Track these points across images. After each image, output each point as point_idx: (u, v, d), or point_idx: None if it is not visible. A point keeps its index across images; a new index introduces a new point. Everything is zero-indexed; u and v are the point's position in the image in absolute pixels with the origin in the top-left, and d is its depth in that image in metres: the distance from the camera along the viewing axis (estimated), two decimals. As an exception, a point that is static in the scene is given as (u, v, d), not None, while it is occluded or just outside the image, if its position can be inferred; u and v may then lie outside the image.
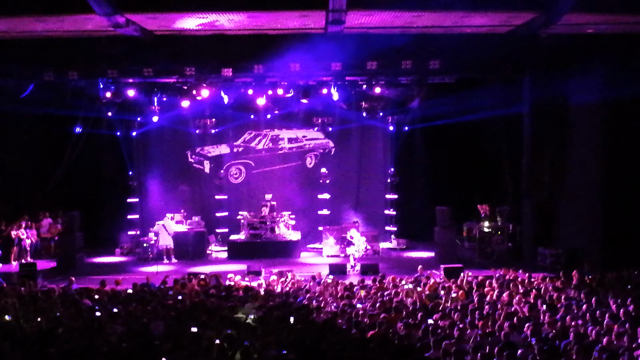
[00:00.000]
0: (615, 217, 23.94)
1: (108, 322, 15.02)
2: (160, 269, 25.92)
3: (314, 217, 31.42)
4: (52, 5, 19.39)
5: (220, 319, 15.02)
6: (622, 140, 23.96)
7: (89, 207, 29.46)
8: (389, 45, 23.69)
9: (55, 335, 13.62)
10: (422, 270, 22.38)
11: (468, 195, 30.30)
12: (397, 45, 23.68)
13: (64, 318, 15.49)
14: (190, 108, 28.15)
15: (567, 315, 14.47)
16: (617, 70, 23.13)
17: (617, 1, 19.52)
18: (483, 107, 27.69)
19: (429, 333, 13.16)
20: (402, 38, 23.39)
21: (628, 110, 23.38)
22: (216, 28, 22.71)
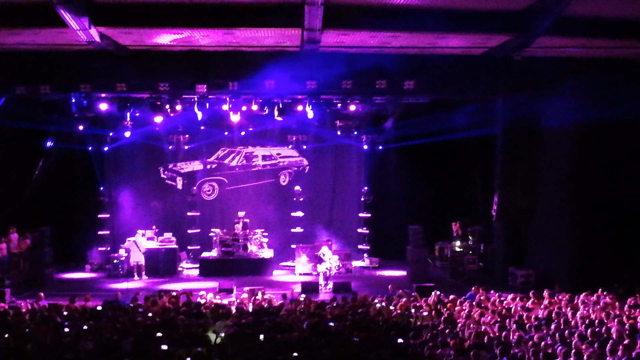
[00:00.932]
0: (586, 238, 24.13)
1: (77, 338, 14.88)
2: (131, 285, 25.74)
3: (287, 235, 31.38)
4: (26, 18, 19.27)
5: (190, 336, 14.92)
6: (593, 162, 24.17)
7: (59, 222, 29.23)
8: (364, 65, 23.75)
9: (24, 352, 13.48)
10: (393, 289, 22.38)
11: (441, 215, 30.40)
12: (372, 65, 23.73)
13: (33, 334, 15.33)
14: (164, 124, 28.06)
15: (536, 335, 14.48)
16: (589, 94, 23.38)
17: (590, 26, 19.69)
18: (457, 128, 27.85)
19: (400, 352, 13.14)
20: (378, 58, 23.45)
21: (599, 133, 23.63)
22: (191, 44, 22.67)
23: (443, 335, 14.70)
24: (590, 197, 24.17)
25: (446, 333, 14.85)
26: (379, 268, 30.46)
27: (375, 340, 14.33)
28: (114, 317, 17.59)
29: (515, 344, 13.90)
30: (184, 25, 20.19)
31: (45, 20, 19.19)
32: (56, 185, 30.50)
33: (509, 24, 20.04)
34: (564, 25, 19.34)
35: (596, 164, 24.14)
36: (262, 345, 14.09)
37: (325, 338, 14.70)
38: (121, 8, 19.29)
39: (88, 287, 26.01)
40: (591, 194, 24.15)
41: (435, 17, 19.32)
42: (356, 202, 32.52)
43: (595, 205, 24.10)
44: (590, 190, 24.18)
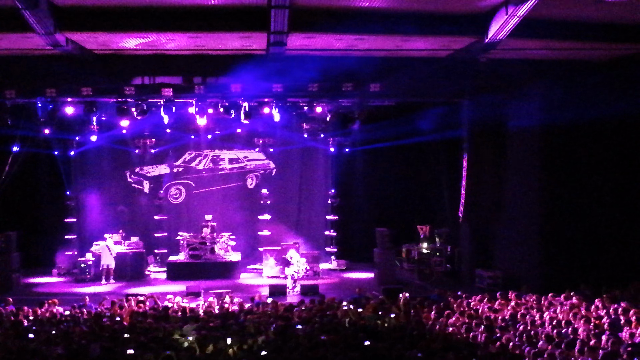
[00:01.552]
0: (552, 239, 24.30)
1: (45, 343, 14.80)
2: (98, 289, 25.62)
3: (255, 238, 31.41)
4: (-9, 23, 19.17)
5: (158, 340, 14.89)
6: (559, 164, 24.35)
7: (26, 226, 29.07)
8: (330, 68, 23.79)
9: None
10: (360, 291, 22.45)
11: (408, 217, 30.49)
12: (338, 68, 23.78)
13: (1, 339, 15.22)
14: (130, 127, 27.91)
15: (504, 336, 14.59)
16: (555, 96, 23.59)
17: (555, 28, 19.87)
18: (423, 130, 28.02)
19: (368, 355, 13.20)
20: (344, 60, 23.50)
21: (565, 135, 23.80)
22: (157, 48, 22.61)
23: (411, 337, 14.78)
24: (556, 198, 24.35)
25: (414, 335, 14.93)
26: (346, 270, 30.54)
27: (343, 342, 14.37)
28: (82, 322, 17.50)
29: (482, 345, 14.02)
30: (149, 29, 20.13)
31: (10, 25, 19.06)
32: (23, 189, 30.29)
33: (474, 27, 20.16)
34: (529, 28, 19.49)
35: (562, 165, 24.33)
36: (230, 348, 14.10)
37: (293, 341, 14.72)
38: (86, 12, 19.19)
39: (55, 292, 25.84)
40: (557, 195, 24.33)
41: (401, 20, 19.42)
42: (323, 204, 32.56)
43: (561, 207, 24.28)
44: (555, 191, 24.36)
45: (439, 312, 18.08)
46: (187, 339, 15.37)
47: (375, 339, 14.79)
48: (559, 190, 24.36)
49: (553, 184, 24.46)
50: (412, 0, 18.27)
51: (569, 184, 24.24)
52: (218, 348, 14.18)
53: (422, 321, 16.95)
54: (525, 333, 14.89)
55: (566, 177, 24.28)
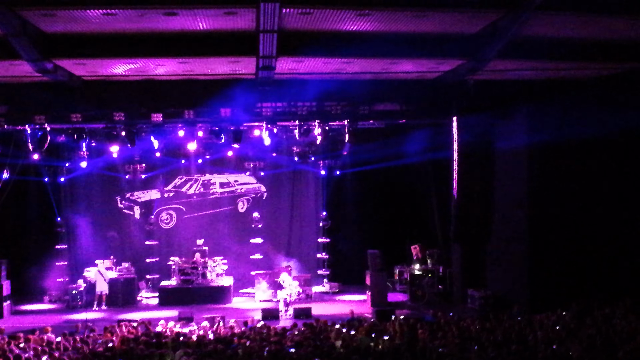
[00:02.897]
0: (542, 259, 24.33)
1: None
2: (90, 316, 25.51)
3: (247, 262, 31.32)
4: (-21, 51, 19.20)
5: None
6: (547, 183, 24.42)
7: (15, 254, 28.97)
8: (319, 91, 23.94)
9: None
10: (353, 313, 22.42)
11: (399, 239, 30.50)
12: (327, 91, 23.93)
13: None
14: (120, 153, 27.95)
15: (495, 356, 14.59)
16: (541, 116, 23.73)
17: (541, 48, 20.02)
18: (413, 151, 28.12)
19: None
20: (333, 83, 23.63)
21: (551, 155, 23.90)
22: (146, 73, 22.69)
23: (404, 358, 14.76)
24: (544, 217, 24.38)
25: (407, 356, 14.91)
26: (339, 293, 30.50)
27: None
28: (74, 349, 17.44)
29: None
30: (137, 55, 20.19)
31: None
32: (12, 216, 30.24)
33: (461, 49, 20.27)
34: (516, 49, 19.64)
35: (549, 184, 24.39)
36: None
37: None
38: (74, 39, 19.21)
39: (47, 319, 25.73)
40: (545, 214, 24.36)
41: (389, 43, 19.52)
42: (315, 227, 32.56)
43: (548, 226, 24.32)
44: (543, 210, 24.40)
45: (432, 332, 18.08)
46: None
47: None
48: (547, 209, 24.40)
49: (541, 203, 24.50)
50: (400, 23, 18.33)
51: (557, 203, 24.28)
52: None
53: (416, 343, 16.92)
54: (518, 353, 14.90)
55: (554, 196, 24.33)
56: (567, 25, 18.69)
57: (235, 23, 18.17)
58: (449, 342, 16.64)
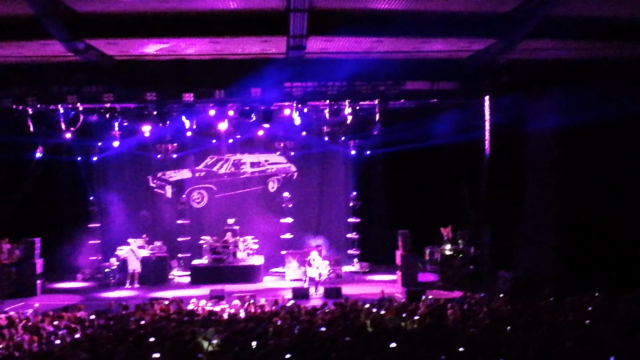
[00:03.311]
0: (573, 240, 24.15)
1: (70, 348, 14.89)
2: (122, 294, 25.73)
3: (277, 241, 31.43)
4: (11, 31, 19.29)
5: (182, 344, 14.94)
6: (578, 165, 24.20)
7: (49, 233, 29.24)
8: (349, 70, 23.83)
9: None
10: (384, 293, 22.43)
11: (429, 219, 30.41)
12: (358, 71, 23.80)
13: (25, 344, 15.33)
14: (152, 133, 28.07)
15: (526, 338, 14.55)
16: (573, 96, 23.40)
17: (575, 28, 19.78)
18: (443, 132, 27.95)
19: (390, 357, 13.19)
20: (363, 63, 23.52)
21: (584, 136, 23.62)
22: (177, 53, 22.72)
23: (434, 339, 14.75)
24: (575, 198, 24.17)
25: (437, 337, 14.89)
26: (369, 273, 30.54)
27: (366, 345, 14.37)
28: (106, 326, 17.60)
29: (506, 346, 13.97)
30: (169, 34, 20.24)
31: (30, 33, 19.23)
32: (45, 196, 30.52)
33: (494, 28, 20.11)
34: (548, 28, 19.43)
35: (580, 166, 24.16)
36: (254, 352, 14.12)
37: (316, 344, 14.73)
38: (106, 19, 19.29)
39: (80, 297, 26.01)
40: (576, 196, 24.15)
41: (420, 22, 19.41)
42: (345, 207, 32.58)
43: (579, 207, 24.09)
44: (574, 192, 24.20)
45: (462, 313, 18.04)
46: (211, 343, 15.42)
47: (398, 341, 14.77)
48: (578, 190, 24.20)
49: (572, 185, 24.31)
50: (431, 2, 18.21)
51: (588, 185, 24.05)
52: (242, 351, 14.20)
53: (446, 323, 16.90)
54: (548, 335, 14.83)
55: (585, 178, 24.09)
56: (602, 4, 18.47)
57: (266, 2, 18.18)
58: (479, 323, 16.60)
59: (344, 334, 15.69)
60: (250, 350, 14.29)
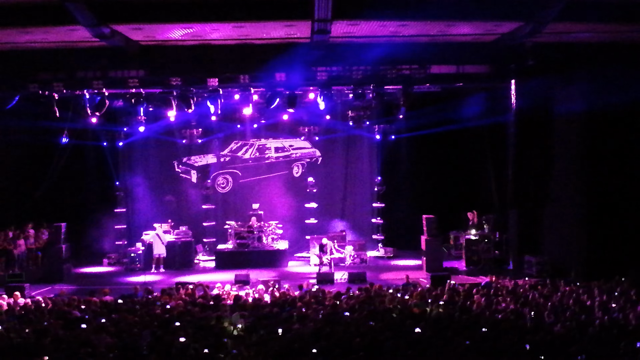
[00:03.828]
0: (600, 224, 24.01)
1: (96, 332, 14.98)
2: (148, 278, 25.83)
3: (301, 226, 31.47)
4: (37, 16, 19.38)
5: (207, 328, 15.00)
6: (606, 148, 24.04)
7: (75, 217, 29.46)
8: (374, 55, 23.75)
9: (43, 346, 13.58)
10: (409, 278, 22.40)
11: (454, 204, 30.34)
12: (382, 55, 23.72)
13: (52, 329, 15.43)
14: (177, 118, 28.08)
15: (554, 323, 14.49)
16: (601, 79, 23.21)
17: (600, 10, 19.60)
18: (469, 116, 27.84)
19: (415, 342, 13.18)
20: (388, 47, 23.43)
21: (611, 119, 23.44)
22: (201, 38, 22.73)
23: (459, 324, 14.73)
24: (602, 182, 24.03)
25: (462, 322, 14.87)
26: (393, 258, 30.47)
27: (391, 330, 14.37)
28: (132, 311, 17.69)
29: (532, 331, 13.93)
30: (193, 19, 20.24)
31: (55, 18, 19.31)
32: (71, 181, 30.73)
33: (520, 10, 19.98)
34: (576, 11, 19.28)
35: (608, 149, 24.01)
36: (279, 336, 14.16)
37: (341, 328, 14.74)
38: (131, 4, 19.36)
39: (106, 281, 26.14)
40: (603, 179, 24.01)
41: (446, 5, 19.32)
42: (369, 192, 32.54)
43: (607, 191, 23.97)
44: (602, 176, 24.04)
45: (488, 298, 17.99)
46: (236, 327, 15.47)
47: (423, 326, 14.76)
48: (606, 174, 24.04)
49: (599, 169, 24.14)
50: (457, -15, 18.15)
51: (616, 168, 23.91)
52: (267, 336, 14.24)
53: (470, 308, 16.87)
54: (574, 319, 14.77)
55: (612, 161, 23.96)
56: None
57: (291, -14, 18.16)
58: (505, 308, 16.56)
59: (368, 319, 15.70)
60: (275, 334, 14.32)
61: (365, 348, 12.88)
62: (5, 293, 21.05)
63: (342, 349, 12.96)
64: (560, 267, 24.68)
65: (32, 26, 20.25)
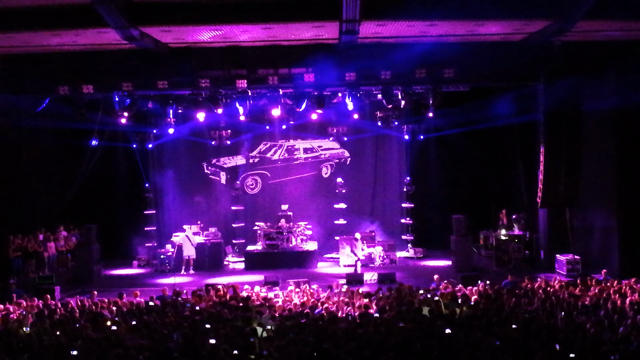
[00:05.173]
0: (631, 223, 23.88)
1: (127, 334, 15.07)
2: (178, 280, 25.95)
3: (331, 227, 31.47)
4: (67, 19, 19.48)
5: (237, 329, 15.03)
6: (636, 146, 23.90)
7: (105, 219, 29.72)
8: (403, 54, 23.70)
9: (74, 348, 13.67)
10: (439, 279, 22.37)
11: (483, 204, 30.26)
12: (411, 54, 23.66)
13: (82, 330, 15.54)
14: (206, 119, 28.13)
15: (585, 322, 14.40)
16: (630, 77, 23.09)
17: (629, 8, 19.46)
18: (498, 115, 27.72)
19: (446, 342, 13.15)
20: (416, 47, 23.36)
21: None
22: (230, 40, 22.77)
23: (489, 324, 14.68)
24: (634, 181, 23.93)
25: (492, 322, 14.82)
26: (423, 258, 30.41)
27: (422, 330, 14.34)
28: (163, 312, 17.78)
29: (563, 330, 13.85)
30: (222, 21, 20.26)
31: (85, 21, 19.40)
32: (102, 182, 31.00)
33: (548, 9, 19.85)
34: (604, 9, 19.13)
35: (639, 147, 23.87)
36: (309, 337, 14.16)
37: (371, 329, 14.73)
38: (160, 6, 19.42)
39: (136, 283, 26.31)
40: (634, 179, 23.91)
41: (473, 4, 19.26)
42: (398, 192, 32.49)
43: (638, 190, 23.83)
44: (633, 174, 23.94)
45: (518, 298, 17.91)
46: (266, 328, 15.50)
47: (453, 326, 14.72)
48: (636, 172, 23.91)
49: (629, 167, 24.03)
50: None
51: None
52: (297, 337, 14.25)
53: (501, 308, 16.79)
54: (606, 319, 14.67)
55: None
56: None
57: (319, -13, 18.15)
58: (535, 308, 16.48)
59: (398, 320, 15.69)
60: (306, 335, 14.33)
61: (396, 348, 12.86)
62: (36, 295, 21.23)
63: (373, 349, 12.95)
64: (591, 266, 24.55)
65: (62, 29, 20.35)
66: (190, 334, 14.71)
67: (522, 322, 14.77)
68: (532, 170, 27.66)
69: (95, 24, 19.29)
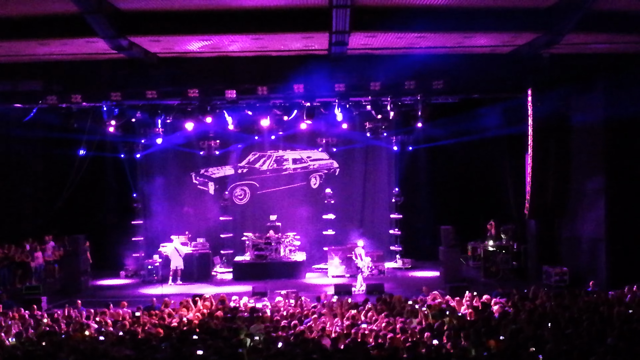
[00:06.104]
0: (619, 234, 23.96)
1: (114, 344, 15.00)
2: (166, 291, 25.87)
3: (319, 238, 31.43)
4: (55, 28, 19.50)
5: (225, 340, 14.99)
6: (624, 158, 24.01)
7: (93, 229, 29.55)
8: (392, 66, 23.80)
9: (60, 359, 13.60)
10: (427, 290, 22.36)
11: (472, 215, 30.28)
12: (400, 66, 23.75)
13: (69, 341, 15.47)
14: (195, 130, 28.12)
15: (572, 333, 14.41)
16: (618, 89, 23.25)
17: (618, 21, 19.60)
18: (486, 127, 27.80)
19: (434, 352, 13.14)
20: (406, 58, 23.46)
21: (629, 129, 23.45)
22: (219, 50, 22.81)
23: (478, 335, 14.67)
24: (622, 193, 24.02)
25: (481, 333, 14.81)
26: (411, 269, 30.41)
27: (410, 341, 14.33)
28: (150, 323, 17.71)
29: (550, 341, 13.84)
30: (212, 31, 20.31)
31: (74, 30, 19.44)
32: (89, 192, 30.85)
33: (537, 22, 19.96)
34: (592, 22, 19.25)
35: (627, 159, 23.99)
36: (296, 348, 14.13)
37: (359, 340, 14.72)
38: (149, 16, 19.44)
39: (123, 294, 26.20)
40: (622, 190, 24.00)
41: (463, 17, 19.35)
42: (387, 203, 32.46)
43: (626, 201, 23.96)
44: (621, 186, 24.04)
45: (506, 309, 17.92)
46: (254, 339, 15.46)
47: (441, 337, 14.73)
48: (624, 184, 24.03)
49: (618, 179, 24.13)
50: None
51: (634, 178, 23.90)
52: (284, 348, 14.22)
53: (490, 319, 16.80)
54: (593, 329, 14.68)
55: (631, 170, 23.94)
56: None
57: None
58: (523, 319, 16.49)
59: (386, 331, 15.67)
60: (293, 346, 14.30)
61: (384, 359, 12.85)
62: (22, 306, 21.11)
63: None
64: (579, 277, 24.61)
65: (50, 38, 20.37)
66: (178, 344, 14.65)
67: (509, 333, 14.76)
68: (521, 181, 27.70)
69: (84, 33, 19.33)
